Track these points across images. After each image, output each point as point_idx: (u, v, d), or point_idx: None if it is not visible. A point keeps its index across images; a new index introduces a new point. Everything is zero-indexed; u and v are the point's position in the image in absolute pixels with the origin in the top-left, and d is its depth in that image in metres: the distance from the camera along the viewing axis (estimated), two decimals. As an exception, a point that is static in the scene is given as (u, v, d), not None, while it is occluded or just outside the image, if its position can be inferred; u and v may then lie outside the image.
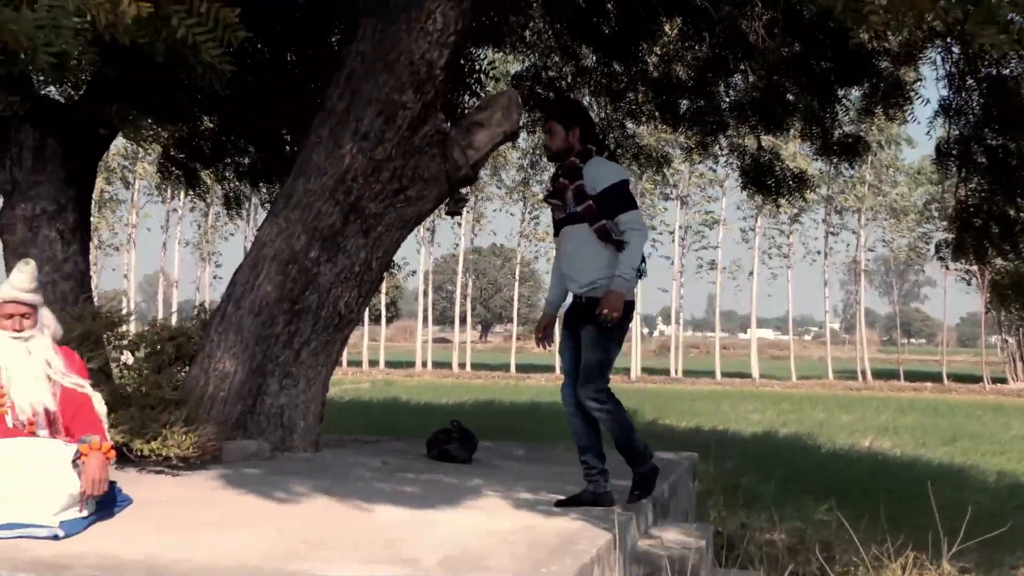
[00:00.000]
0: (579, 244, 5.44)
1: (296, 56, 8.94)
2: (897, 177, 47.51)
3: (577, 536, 4.75)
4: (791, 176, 10.72)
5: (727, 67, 9.86)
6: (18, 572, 3.80)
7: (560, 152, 5.58)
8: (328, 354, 7.41)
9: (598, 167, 5.43)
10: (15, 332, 5.10)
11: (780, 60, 9.18)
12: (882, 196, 47.03)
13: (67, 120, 7.51)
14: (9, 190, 7.45)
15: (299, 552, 4.31)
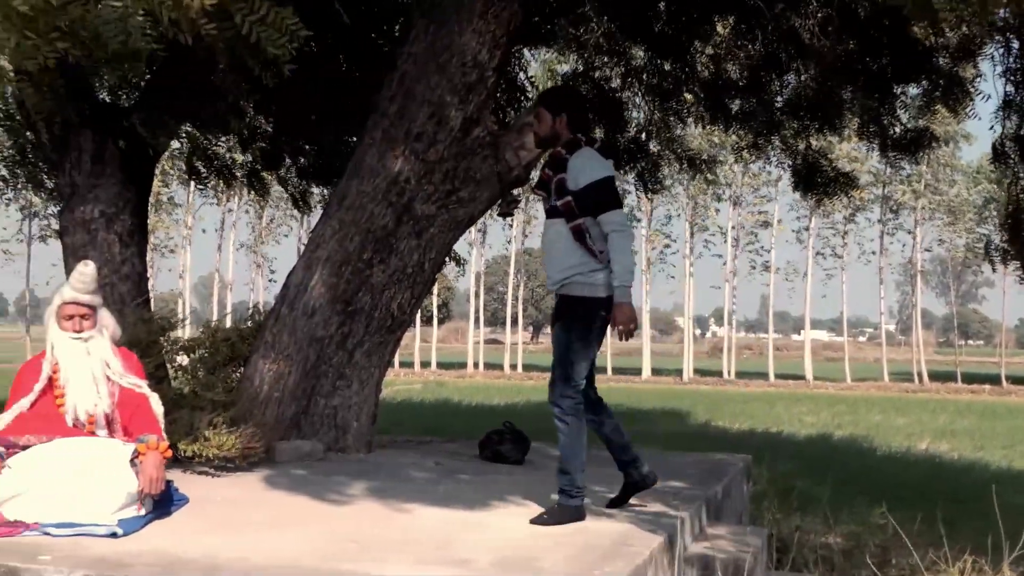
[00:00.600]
0: (554, 239, 5.18)
1: (349, 57, 8.98)
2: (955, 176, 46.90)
3: (630, 538, 4.73)
4: (840, 175, 10.59)
5: (780, 66, 9.77)
6: (78, 569, 3.85)
7: (546, 139, 5.43)
8: (381, 355, 7.44)
9: (583, 160, 5.13)
10: (75, 333, 5.18)
11: (835, 58, 9.07)
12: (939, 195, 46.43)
13: (124, 125, 7.61)
14: (69, 193, 7.55)
15: (352, 552, 4.33)
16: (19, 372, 5.36)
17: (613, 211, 5.04)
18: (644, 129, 10.66)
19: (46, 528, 4.48)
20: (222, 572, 3.93)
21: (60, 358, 5.19)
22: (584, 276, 5.07)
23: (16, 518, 4.54)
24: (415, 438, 8.96)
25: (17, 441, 4.89)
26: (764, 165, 38.62)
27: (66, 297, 5.20)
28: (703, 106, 10.34)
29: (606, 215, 5.02)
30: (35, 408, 5.10)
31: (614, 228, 5.02)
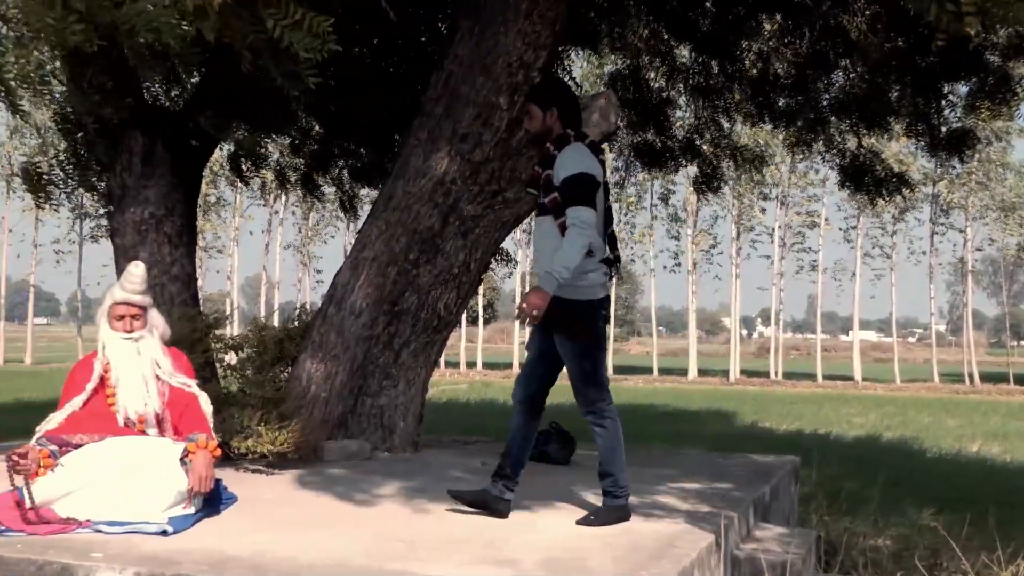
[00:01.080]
0: (543, 237, 5.09)
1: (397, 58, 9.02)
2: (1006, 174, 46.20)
3: (677, 539, 4.71)
4: (892, 175, 10.47)
5: (827, 64, 9.68)
6: (129, 567, 3.89)
7: (539, 136, 5.27)
8: (427, 355, 7.47)
9: (567, 156, 5.00)
10: (126, 333, 5.24)
11: (883, 55, 8.98)
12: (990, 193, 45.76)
13: (174, 127, 7.68)
14: (120, 195, 7.63)
15: (399, 551, 4.34)
16: (71, 371, 5.43)
17: (580, 207, 4.89)
18: (695, 129, 10.60)
19: (98, 526, 4.54)
20: (270, 571, 3.95)
21: (111, 358, 5.25)
22: (576, 278, 4.92)
23: (69, 516, 4.60)
24: (461, 438, 8.98)
25: (70, 440, 4.96)
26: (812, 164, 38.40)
27: (117, 297, 5.27)
28: (750, 104, 10.27)
29: (572, 209, 4.89)
30: (87, 407, 5.17)
31: (574, 223, 4.86)
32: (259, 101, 7.95)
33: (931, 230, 45.60)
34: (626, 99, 10.26)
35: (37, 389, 21.79)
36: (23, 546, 4.21)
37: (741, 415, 19.98)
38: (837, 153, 10.47)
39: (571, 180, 4.93)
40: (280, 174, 11.13)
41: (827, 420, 20.10)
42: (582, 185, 4.93)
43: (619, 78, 10.61)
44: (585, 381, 5.06)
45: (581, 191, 4.92)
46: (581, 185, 4.93)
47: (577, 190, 4.91)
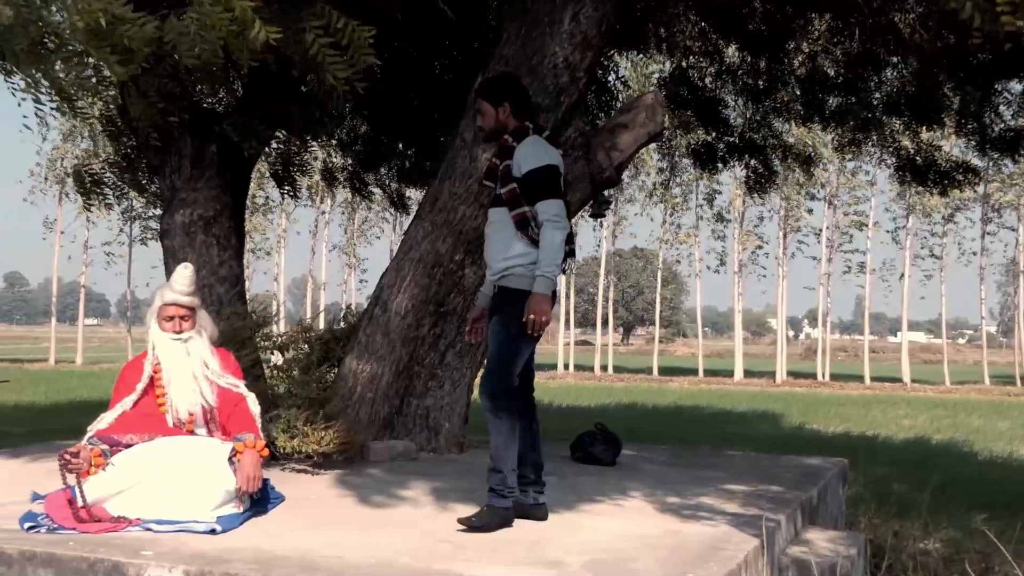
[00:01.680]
0: (496, 229, 5.01)
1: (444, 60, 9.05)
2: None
3: (723, 541, 4.68)
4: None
5: (878, 62, 9.59)
6: (179, 565, 3.93)
7: (493, 132, 5.14)
8: (473, 356, 7.47)
9: (528, 148, 4.92)
10: (175, 334, 5.29)
11: (934, 53, 8.87)
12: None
13: (222, 130, 7.74)
14: (169, 198, 7.71)
15: (444, 552, 4.35)
16: (122, 372, 5.49)
17: (550, 200, 4.83)
18: (747, 128, 10.54)
19: (148, 524, 4.59)
20: (317, 570, 3.97)
21: (161, 358, 5.31)
22: (525, 268, 4.87)
23: (119, 514, 4.66)
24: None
25: (120, 439, 5.02)
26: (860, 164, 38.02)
27: (166, 299, 5.32)
28: (799, 104, 10.19)
29: (543, 203, 4.82)
30: (137, 407, 5.23)
31: (548, 218, 4.79)
32: (307, 104, 8.00)
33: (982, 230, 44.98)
34: (677, 99, 10.21)
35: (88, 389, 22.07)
36: (75, 544, 4.26)
37: (788, 417, 19.83)
38: (891, 152, 10.35)
39: (538, 173, 4.86)
40: (328, 174, 11.20)
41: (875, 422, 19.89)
42: (548, 178, 4.87)
43: (668, 78, 10.57)
44: (500, 368, 4.94)
45: (548, 184, 4.86)
46: (547, 178, 4.87)
47: (544, 183, 4.85)
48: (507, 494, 4.90)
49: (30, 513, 4.77)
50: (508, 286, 4.94)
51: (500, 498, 4.89)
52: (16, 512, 4.82)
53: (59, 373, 32.08)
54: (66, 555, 4.08)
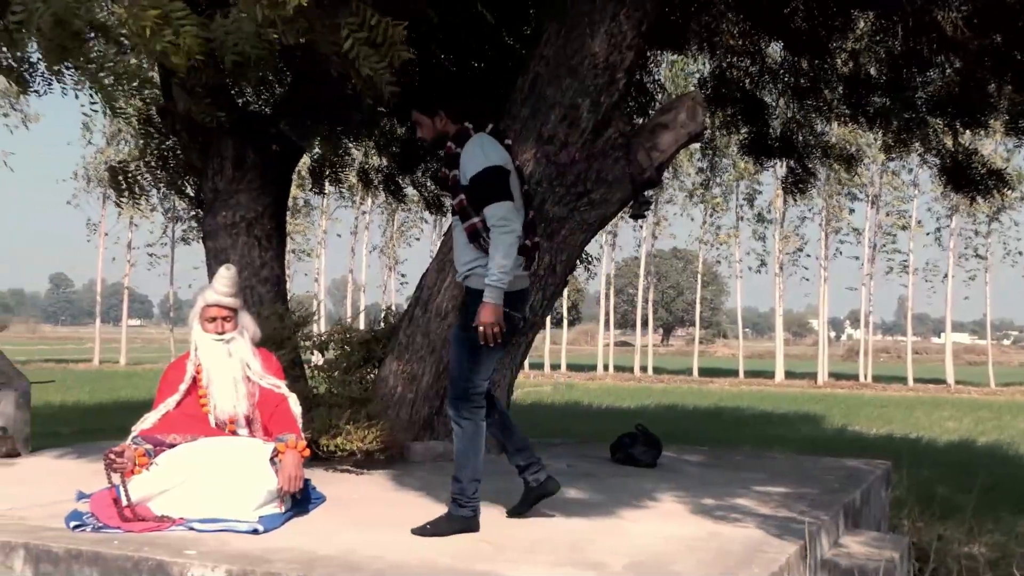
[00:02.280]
0: (455, 236, 4.95)
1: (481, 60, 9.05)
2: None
3: (765, 544, 4.65)
4: (989, 174, 10.21)
5: (922, 61, 9.48)
6: (222, 564, 3.96)
7: (436, 141, 4.99)
8: (512, 357, 7.47)
9: (468, 153, 4.77)
10: (217, 335, 5.33)
11: (980, 51, 8.76)
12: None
13: (264, 132, 7.80)
14: (211, 199, 7.77)
15: (486, 553, 4.35)
16: (165, 372, 5.54)
17: (495, 204, 4.67)
18: (787, 128, 10.46)
19: (191, 523, 4.63)
20: (358, 570, 3.99)
21: (203, 359, 5.35)
22: (484, 270, 4.72)
23: (163, 513, 4.70)
24: (545, 440, 8.97)
25: (164, 439, 5.06)
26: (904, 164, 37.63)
27: (209, 300, 5.36)
28: (843, 104, 10.10)
29: (488, 208, 4.67)
30: (180, 407, 5.28)
31: (494, 223, 4.64)
32: (343, 106, 8.04)
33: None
34: (718, 98, 10.15)
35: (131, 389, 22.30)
36: (120, 542, 4.31)
37: (830, 418, 19.69)
38: (936, 153, 10.24)
39: (477, 179, 4.71)
40: (364, 176, 11.24)
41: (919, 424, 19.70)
42: (489, 181, 4.70)
43: (708, 78, 10.52)
44: (460, 372, 4.87)
45: (490, 188, 4.70)
46: (488, 181, 4.70)
47: (486, 188, 4.70)
48: (465, 503, 4.81)
49: (76, 512, 4.83)
50: (470, 286, 4.86)
51: (459, 507, 4.82)
52: (63, 511, 4.88)
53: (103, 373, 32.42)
54: (111, 554, 4.13)
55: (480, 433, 4.90)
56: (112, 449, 4.83)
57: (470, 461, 4.85)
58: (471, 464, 4.85)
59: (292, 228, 40.81)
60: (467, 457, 4.85)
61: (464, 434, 4.86)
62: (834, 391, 34.96)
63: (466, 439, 4.86)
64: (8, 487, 5.84)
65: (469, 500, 4.82)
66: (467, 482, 4.82)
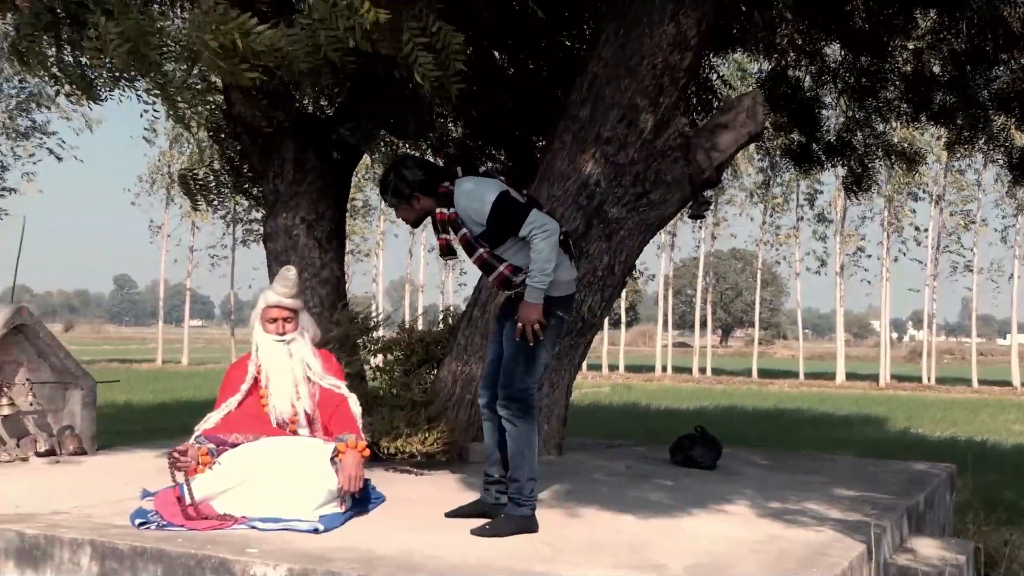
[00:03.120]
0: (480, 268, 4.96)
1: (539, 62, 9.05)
2: None
3: (827, 547, 4.61)
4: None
5: (986, 58, 9.33)
6: (283, 563, 3.99)
7: (421, 218, 5.01)
8: (571, 358, 7.46)
9: (465, 195, 4.78)
10: (278, 336, 5.38)
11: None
12: None
13: (323, 134, 7.86)
14: (272, 201, 7.85)
15: (544, 554, 4.35)
16: (227, 372, 5.61)
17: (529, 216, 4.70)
18: (846, 128, 10.35)
19: (253, 522, 4.68)
20: (418, 570, 4.01)
21: (264, 360, 5.41)
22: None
23: (226, 512, 4.76)
24: (605, 441, 8.97)
25: (226, 439, 5.12)
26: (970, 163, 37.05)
27: (270, 301, 5.42)
28: (904, 103, 9.97)
29: (524, 225, 4.69)
30: (242, 407, 5.34)
31: (531, 231, 4.67)
32: (401, 109, 8.07)
33: (1098, 228, 43.50)
34: (775, 99, 10.07)
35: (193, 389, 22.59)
36: (183, 540, 4.37)
37: (892, 421, 19.45)
38: (1003, 150, 10.07)
39: (493, 217, 4.73)
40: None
41: (984, 427, 19.40)
42: (502, 211, 4.73)
43: (767, 78, 10.44)
44: (516, 372, 4.84)
45: (510, 215, 4.73)
46: (502, 212, 4.73)
47: (507, 217, 4.73)
48: (523, 502, 4.82)
49: (141, 510, 4.90)
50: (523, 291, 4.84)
51: (517, 507, 4.83)
52: (128, 509, 4.96)
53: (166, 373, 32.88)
54: (175, 551, 4.18)
55: (534, 431, 4.91)
56: (176, 448, 4.89)
57: (526, 460, 4.85)
58: (527, 463, 4.85)
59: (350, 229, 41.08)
60: (523, 456, 4.85)
61: (519, 433, 4.86)
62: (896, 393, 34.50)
63: (521, 438, 4.86)
64: (75, 485, 5.94)
65: (527, 499, 4.83)
66: (524, 481, 4.83)
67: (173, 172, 39.73)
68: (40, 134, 32.39)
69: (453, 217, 4.83)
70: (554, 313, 4.84)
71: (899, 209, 41.89)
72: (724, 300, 78.32)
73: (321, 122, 8.15)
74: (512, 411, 4.84)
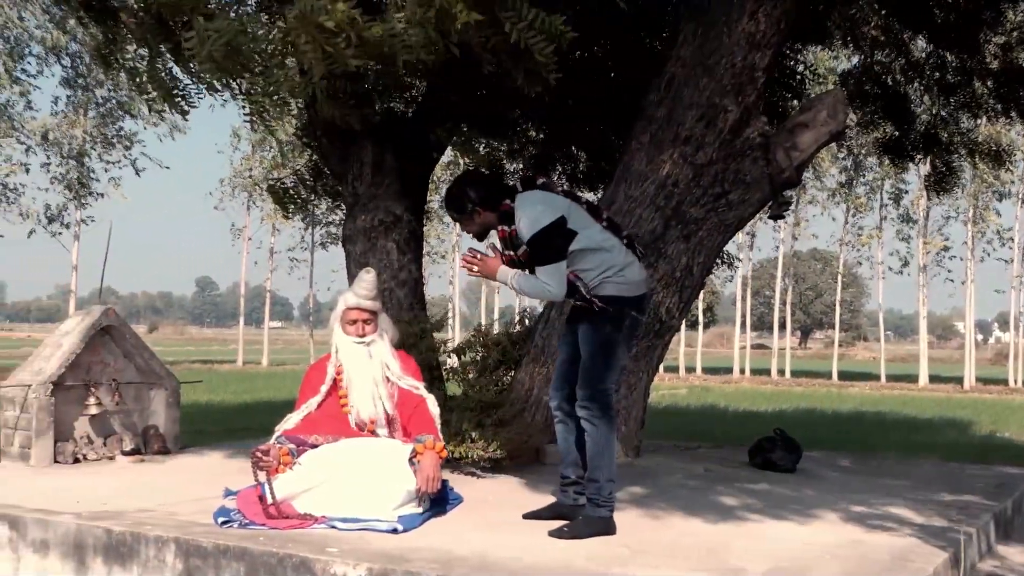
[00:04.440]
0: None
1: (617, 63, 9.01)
2: None
3: (911, 552, 4.53)
4: None
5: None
6: (362, 562, 4.03)
7: (484, 232, 5.09)
8: (649, 360, 7.43)
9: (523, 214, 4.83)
10: (358, 337, 5.43)
11: None
12: None
13: (402, 136, 7.91)
14: (351, 203, 7.91)
15: (622, 556, 4.34)
16: (307, 374, 5.67)
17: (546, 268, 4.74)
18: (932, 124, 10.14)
19: (333, 522, 4.73)
20: (495, 570, 4.02)
21: (344, 361, 5.46)
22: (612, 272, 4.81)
23: (306, 511, 4.81)
24: (682, 443, 8.91)
25: (307, 440, 5.18)
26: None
27: (350, 303, 5.47)
28: (992, 98, 9.75)
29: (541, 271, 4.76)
30: (322, 408, 5.40)
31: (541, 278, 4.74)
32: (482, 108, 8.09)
33: None
34: (862, 95, 9.91)
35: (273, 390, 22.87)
36: (265, 539, 4.42)
37: (977, 424, 19.01)
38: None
39: (532, 242, 4.77)
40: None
41: (1074, 431, 18.88)
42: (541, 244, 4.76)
43: (850, 74, 10.28)
44: (592, 373, 4.83)
45: (543, 252, 4.77)
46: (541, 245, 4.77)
47: (546, 249, 4.76)
48: (602, 503, 4.81)
49: (223, 508, 4.98)
50: (598, 293, 4.83)
51: (596, 507, 4.82)
52: (211, 507, 5.04)
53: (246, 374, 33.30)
54: (257, 550, 4.24)
55: (613, 432, 4.90)
56: (258, 448, 4.96)
57: (604, 461, 4.83)
58: (606, 463, 4.84)
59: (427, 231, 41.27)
60: (602, 457, 4.84)
61: (598, 433, 4.84)
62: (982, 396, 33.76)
63: (600, 439, 4.84)
64: (159, 483, 6.06)
65: (606, 500, 4.82)
66: (604, 481, 4.82)
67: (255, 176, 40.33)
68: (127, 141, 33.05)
69: (514, 234, 4.88)
70: (627, 314, 4.85)
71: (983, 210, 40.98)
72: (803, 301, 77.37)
73: (401, 123, 8.20)
74: (592, 411, 4.83)
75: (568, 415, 5.00)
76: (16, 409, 6.79)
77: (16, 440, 6.82)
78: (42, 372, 6.83)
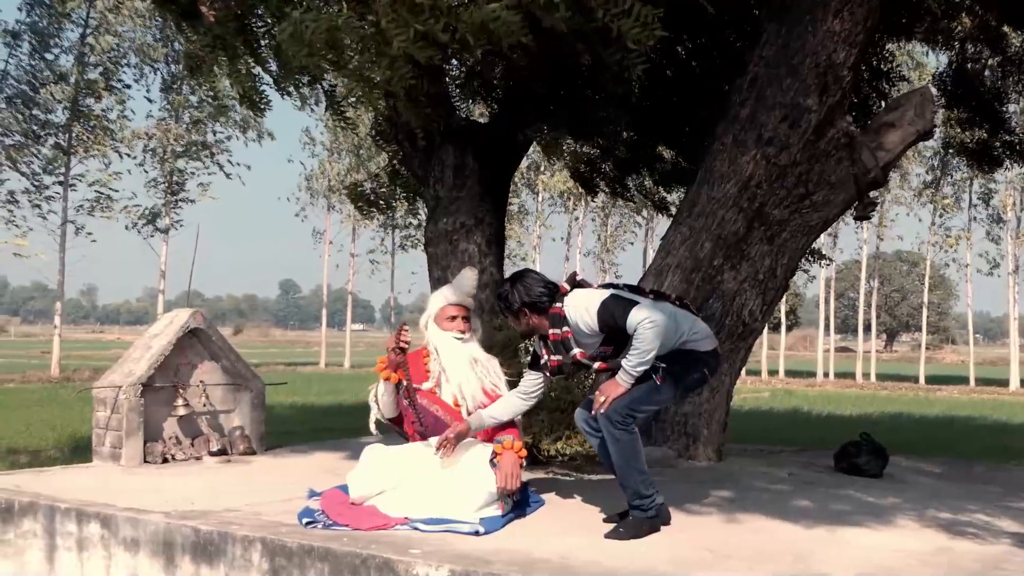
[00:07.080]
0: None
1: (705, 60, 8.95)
2: None
3: (1003, 560, 4.43)
4: None
5: None
6: (444, 564, 4.05)
7: (530, 333, 5.21)
8: (732, 363, 7.36)
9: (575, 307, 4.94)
10: (459, 333, 5.48)
11: None
12: None
13: (483, 139, 7.93)
14: (433, 206, 7.96)
15: (705, 560, 4.30)
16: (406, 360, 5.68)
17: (633, 311, 4.75)
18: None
19: (415, 523, 4.76)
20: (577, 573, 4.01)
21: (444, 356, 5.49)
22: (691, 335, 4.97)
23: (389, 513, 4.85)
24: (766, 447, 8.81)
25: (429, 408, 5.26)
26: None
27: (451, 299, 5.53)
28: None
29: (630, 318, 4.73)
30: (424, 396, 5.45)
31: (640, 321, 4.70)
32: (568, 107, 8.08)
33: None
34: (952, 93, 9.70)
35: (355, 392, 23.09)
36: (348, 540, 4.47)
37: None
38: None
39: (602, 316, 4.85)
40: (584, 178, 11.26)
41: None
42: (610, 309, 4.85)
43: (942, 72, 10.07)
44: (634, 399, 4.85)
45: (617, 311, 4.82)
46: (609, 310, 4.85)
47: (614, 313, 4.82)
48: (647, 507, 4.87)
49: (308, 509, 5.04)
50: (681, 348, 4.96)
51: (641, 511, 4.88)
52: (296, 507, 5.10)
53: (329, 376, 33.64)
54: (341, 550, 4.29)
55: (637, 439, 4.94)
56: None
57: (632, 466, 4.90)
58: (635, 469, 4.90)
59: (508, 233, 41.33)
60: (629, 464, 4.91)
61: (622, 444, 4.89)
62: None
63: (624, 448, 4.90)
64: (245, 484, 6.16)
65: (645, 499, 4.88)
66: (640, 486, 4.87)
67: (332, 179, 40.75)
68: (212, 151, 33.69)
69: (568, 335, 4.98)
70: (699, 368, 5.03)
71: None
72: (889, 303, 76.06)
73: (480, 126, 8.23)
74: (613, 424, 4.89)
75: (596, 430, 5.06)
76: (107, 410, 6.95)
77: (107, 440, 6.98)
78: (132, 374, 6.98)
